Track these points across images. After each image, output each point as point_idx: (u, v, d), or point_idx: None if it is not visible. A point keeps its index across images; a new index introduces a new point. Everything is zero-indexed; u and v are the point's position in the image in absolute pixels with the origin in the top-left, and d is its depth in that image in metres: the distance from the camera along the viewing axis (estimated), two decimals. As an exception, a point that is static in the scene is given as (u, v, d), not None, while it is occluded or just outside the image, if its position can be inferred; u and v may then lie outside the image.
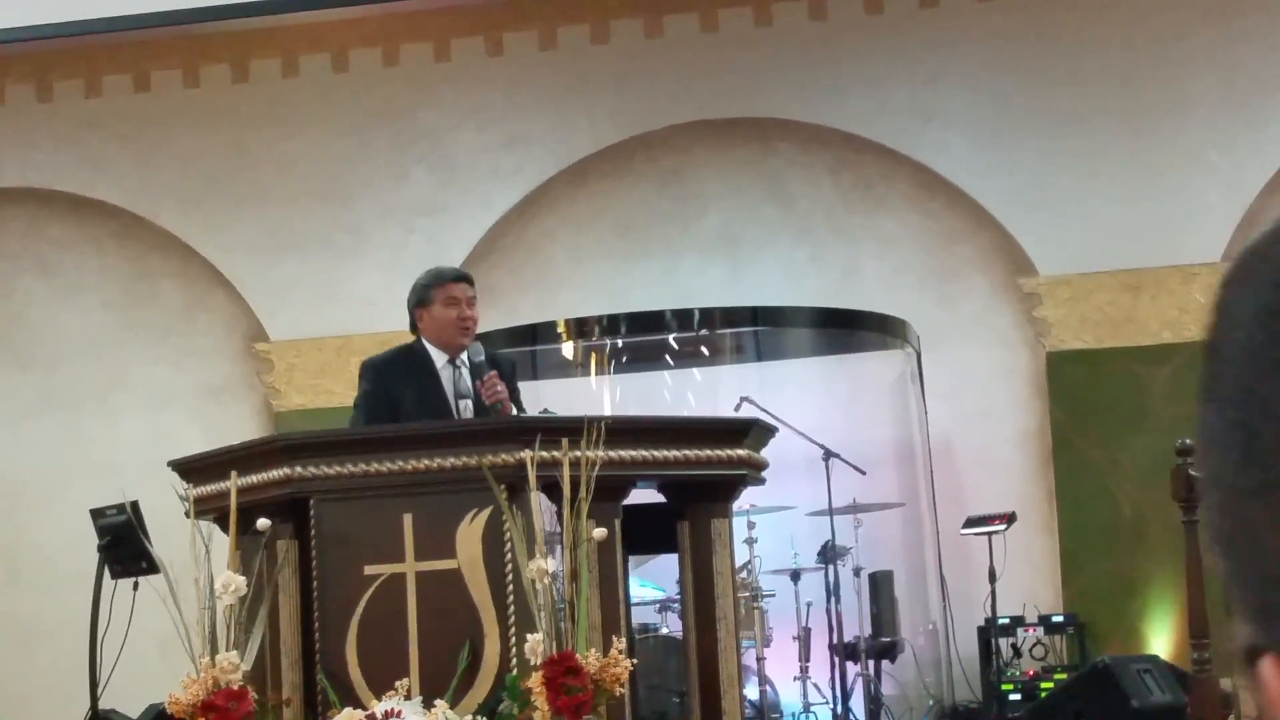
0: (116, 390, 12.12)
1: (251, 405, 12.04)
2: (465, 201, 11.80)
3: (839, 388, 11.29)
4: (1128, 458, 10.96)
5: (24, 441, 12.11)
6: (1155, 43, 11.26)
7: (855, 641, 10.19)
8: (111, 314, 12.20)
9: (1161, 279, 11.23)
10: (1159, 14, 11.26)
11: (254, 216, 11.93)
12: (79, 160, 12.12)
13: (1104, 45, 11.29)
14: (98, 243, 12.24)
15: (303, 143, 11.91)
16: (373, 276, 11.79)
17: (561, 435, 5.97)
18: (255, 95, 12.00)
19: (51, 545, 11.44)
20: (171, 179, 12.01)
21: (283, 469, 6.24)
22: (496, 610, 6.06)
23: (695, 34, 11.67)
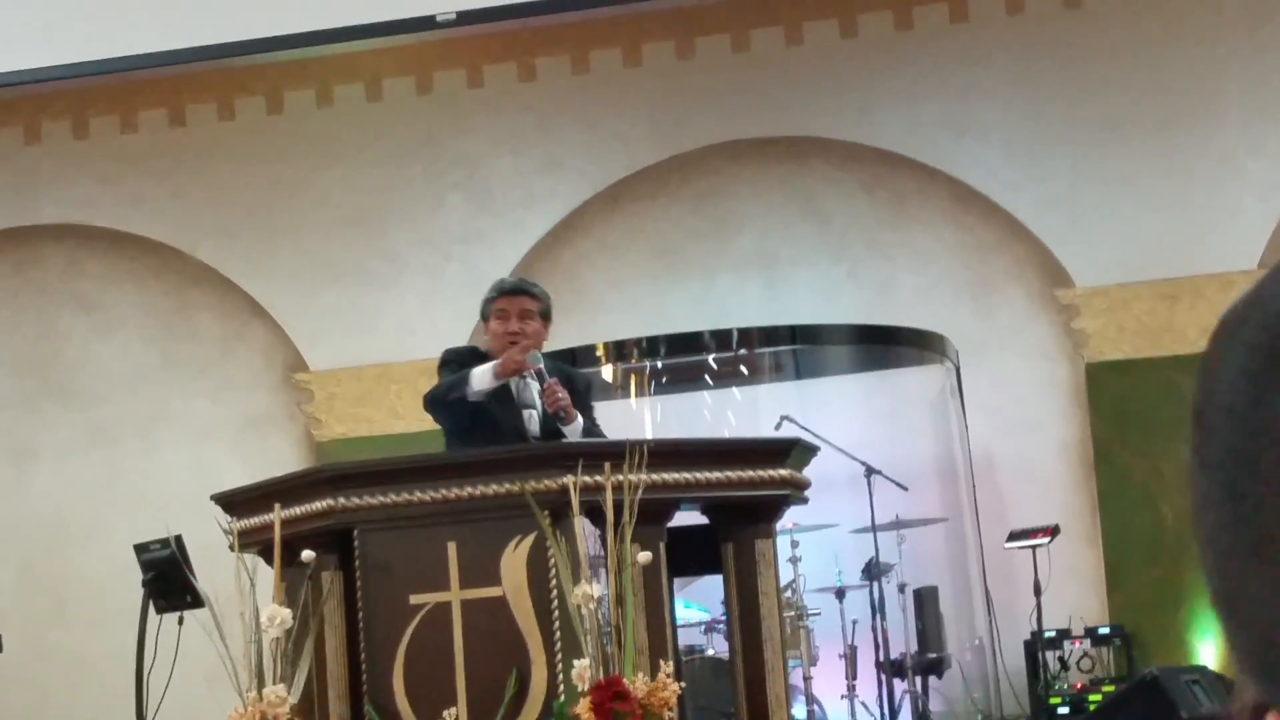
0: (157, 424, 12.13)
1: (292, 435, 12.04)
2: (501, 227, 11.80)
3: (879, 404, 11.26)
4: (1170, 466, 10.90)
5: (67, 478, 12.13)
6: (1185, 50, 11.22)
7: (902, 658, 10.16)
8: (151, 348, 12.22)
9: (1199, 287, 11.18)
10: (1188, 21, 11.22)
11: (291, 247, 11.95)
12: (116, 196, 12.14)
13: (1134, 54, 11.26)
14: (136, 277, 12.27)
15: (338, 173, 11.93)
16: (411, 304, 11.79)
17: (604, 459, 5.94)
18: (290, 127, 12.02)
19: (97, 580, 11.45)
20: (208, 212, 12.03)
21: (326, 500, 6.22)
22: (543, 636, 6.04)
23: (727, 54, 11.66)
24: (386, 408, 11.83)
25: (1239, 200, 11.17)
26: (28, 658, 10.72)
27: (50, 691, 11.67)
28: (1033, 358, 11.46)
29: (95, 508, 11.95)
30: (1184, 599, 10.86)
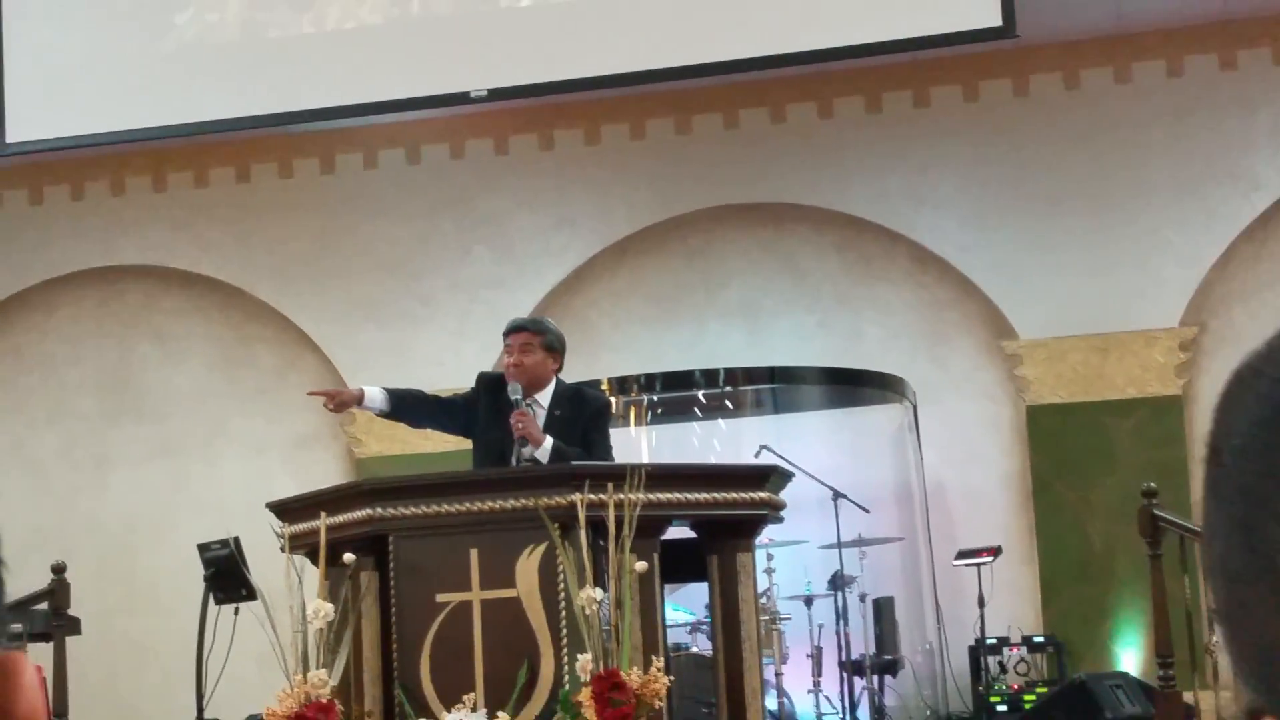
0: (219, 440, 12.12)
1: (335, 453, 12.03)
2: (521, 275, 11.80)
3: (845, 437, 11.23)
4: (1098, 498, 10.89)
5: (139, 484, 12.12)
6: (1118, 135, 11.23)
7: (861, 659, 10.13)
8: (215, 374, 12.22)
9: (1126, 342, 11.17)
10: (1120, 112, 11.24)
11: (339, 289, 11.95)
12: (188, 241, 12.16)
13: (1073, 138, 11.27)
14: (203, 312, 12.27)
15: (381, 225, 11.94)
16: (441, 340, 11.79)
17: (607, 480, 5.95)
18: (340, 185, 12.03)
19: (163, 574, 11.44)
20: (267, 257, 12.04)
21: (365, 510, 6.22)
22: (551, 633, 6.03)
23: (719, 130, 11.68)
24: (419, 430, 11.79)
25: (1162, 267, 11.16)
26: (101, 642, 10.68)
27: (121, 672, 11.64)
28: (980, 400, 11.44)
29: (163, 511, 11.94)
30: (1109, 613, 10.84)
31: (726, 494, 6.48)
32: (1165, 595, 7.39)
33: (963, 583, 10.54)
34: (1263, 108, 11.13)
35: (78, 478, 12.22)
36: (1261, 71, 11.16)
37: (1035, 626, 10.86)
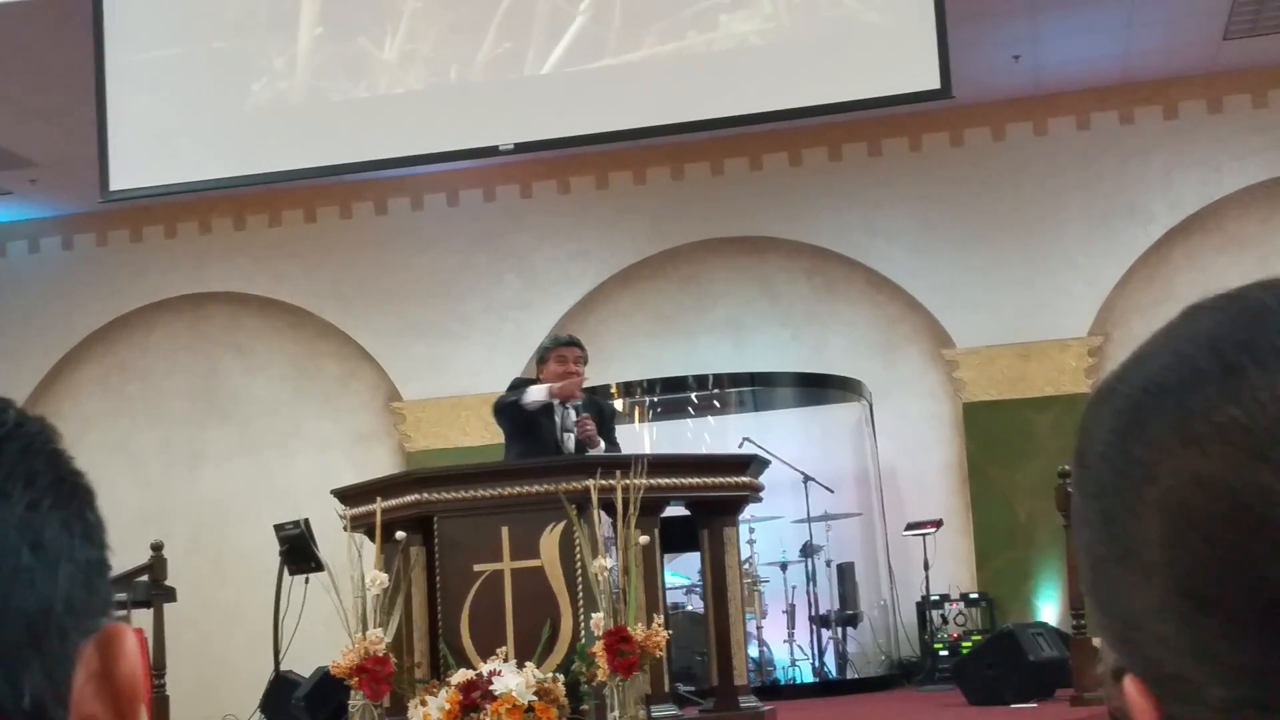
0: (292, 438, 12.09)
1: (389, 448, 11.99)
2: (543, 299, 11.77)
3: (813, 430, 11.20)
4: (1022, 478, 10.86)
5: (226, 475, 12.10)
6: (1037, 179, 11.23)
7: (827, 614, 10.13)
8: (288, 383, 12.19)
9: (1044, 349, 11.15)
10: (1038, 158, 11.25)
11: (391, 311, 11.92)
12: (264, 272, 12.14)
13: (1000, 180, 11.27)
14: (278, 331, 12.25)
15: (427, 258, 11.92)
16: (478, 354, 11.76)
17: (615, 469, 5.93)
18: (391, 224, 12.02)
19: (245, 550, 11.40)
20: (331, 285, 12.02)
21: (414, 495, 6.20)
22: (569, 596, 6.00)
23: (707, 176, 11.67)
24: (459, 428, 11.79)
25: (1073, 286, 11.15)
26: (193, 608, 10.65)
27: (210, 633, 11.60)
28: (924, 398, 11.41)
29: (245, 497, 11.91)
30: (1031, 574, 10.83)
31: (715, 479, 6.47)
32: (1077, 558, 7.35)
33: (911, 550, 10.51)
34: (1155, 155, 11.14)
35: (174, 470, 12.19)
36: (1154, 125, 11.17)
37: (971, 586, 10.84)
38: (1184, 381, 0.67)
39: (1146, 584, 0.67)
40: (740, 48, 8.15)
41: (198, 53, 8.67)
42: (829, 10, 8.09)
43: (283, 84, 8.64)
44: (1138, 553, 0.67)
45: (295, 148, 8.78)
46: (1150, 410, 0.68)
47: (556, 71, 8.31)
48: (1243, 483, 0.64)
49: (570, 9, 8.29)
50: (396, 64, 8.49)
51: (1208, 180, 11.08)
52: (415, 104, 8.49)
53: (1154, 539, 0.66)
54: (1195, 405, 0.66)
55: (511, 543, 6.07)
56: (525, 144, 8.47)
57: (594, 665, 5.64)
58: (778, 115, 8.51)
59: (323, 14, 8.60)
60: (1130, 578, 0.68)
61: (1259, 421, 0.64)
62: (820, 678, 9.92)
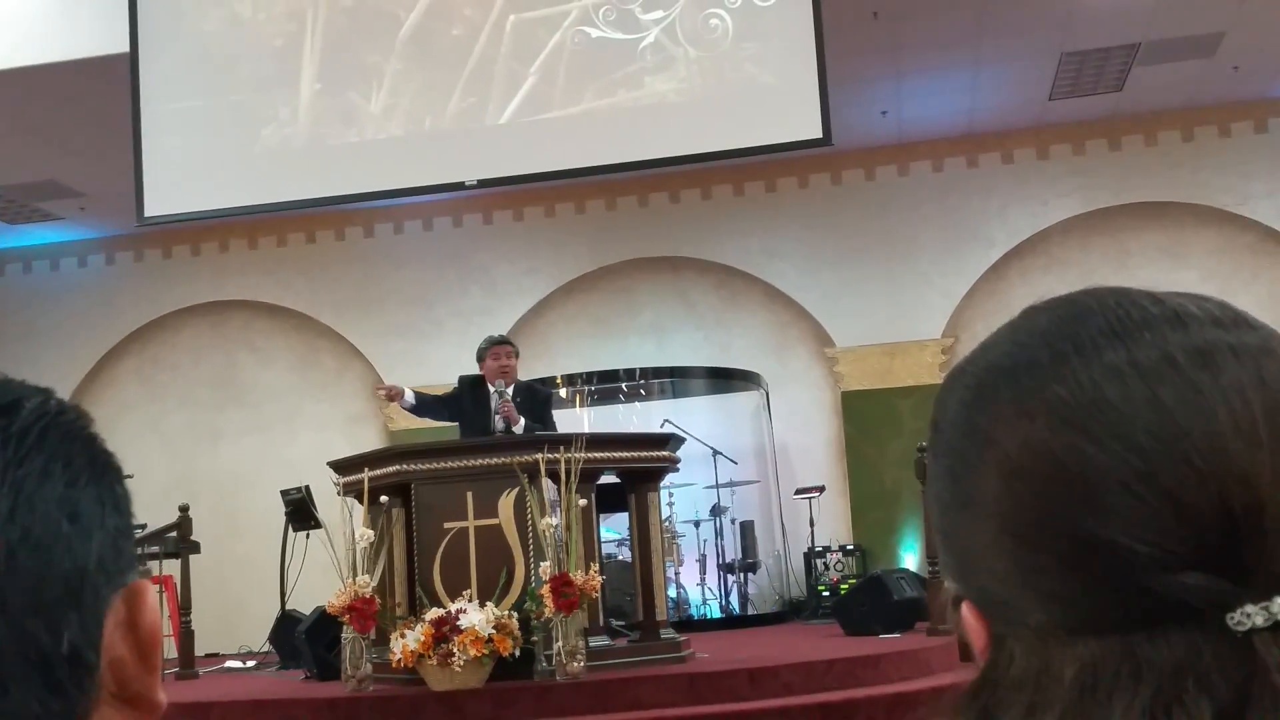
0: (296, 419, 12.00)
1: (376, 428, 11.92)
2: (502, 306, 11.74)
3: (720, 414, 11.23)
4: (889, 452, 10.96)
5: (242, 449, 11.98)
6: (901, 211, 11.32)
7: (732, 562, 10.15)
8: (293, 374, 12.09)
9: (906, 349, 11.25)
10: (901, 194, 11.34)
11: (378, 316, 11.85)
12: (273, 283, 12.03)
13: (871, 212, 11.35)
14: (285, 333, 12.14)
15: (407, 273, 11.85)
16: (448, 352, 11.70)
17: (560, 444, 5.93)
18: (377, 246, 11.94)
19: (258, 511, 11.31)
20: (329, 294, 11.93)
21: (396, 465, 6.17)
22: (522, 549, 6.00)
23: (635, 207, 11.68)
24: (432, 411, 11.73)
25: (929, 298, 11.26)
26: (216, 559, 10.55)
27: (229, 579, 11.49)
28: (810, 388, 11.48)
29: (257, 468, 11.80)
30: (896, 530, 10.92)
31: (641, 453, 6.48)
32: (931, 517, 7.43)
33: (799, 510, 10.58)
34: (995, 192, 11.26)
35: (198, 447, 12.05)
36: (994, 168, 11.29)
37: (848, 539, 10.92)
38: (1020, 365, 0.69)
39: (983, 526, 0.67)
40: (661, 103, 8.19)
41: (218, 104, 8.59)
42: (732, 73, 8.15)
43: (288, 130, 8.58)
44: (977, 501, 0.68)
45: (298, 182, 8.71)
46: (992, 388, 0.69)
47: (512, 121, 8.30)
48: (1064, 447, 0.65)
49: (522, 70, 8.30)
50: (381, 114, 8.45)
51: (1037, 213, 11.22)
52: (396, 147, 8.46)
53: (990, 491, 0.67)
54: (1029, 384, 0.68)
55: (475, 504, 6.07)
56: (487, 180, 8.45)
57: (542, 604, 5.65)
58: (691, 158, 8.55)
59: (320, 73, 8.56)
60: (970, 521, 0.68)
61: (1079, 399, 0.66)
62: (726, 614, 9.97)
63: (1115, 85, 10.33)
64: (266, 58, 8.54)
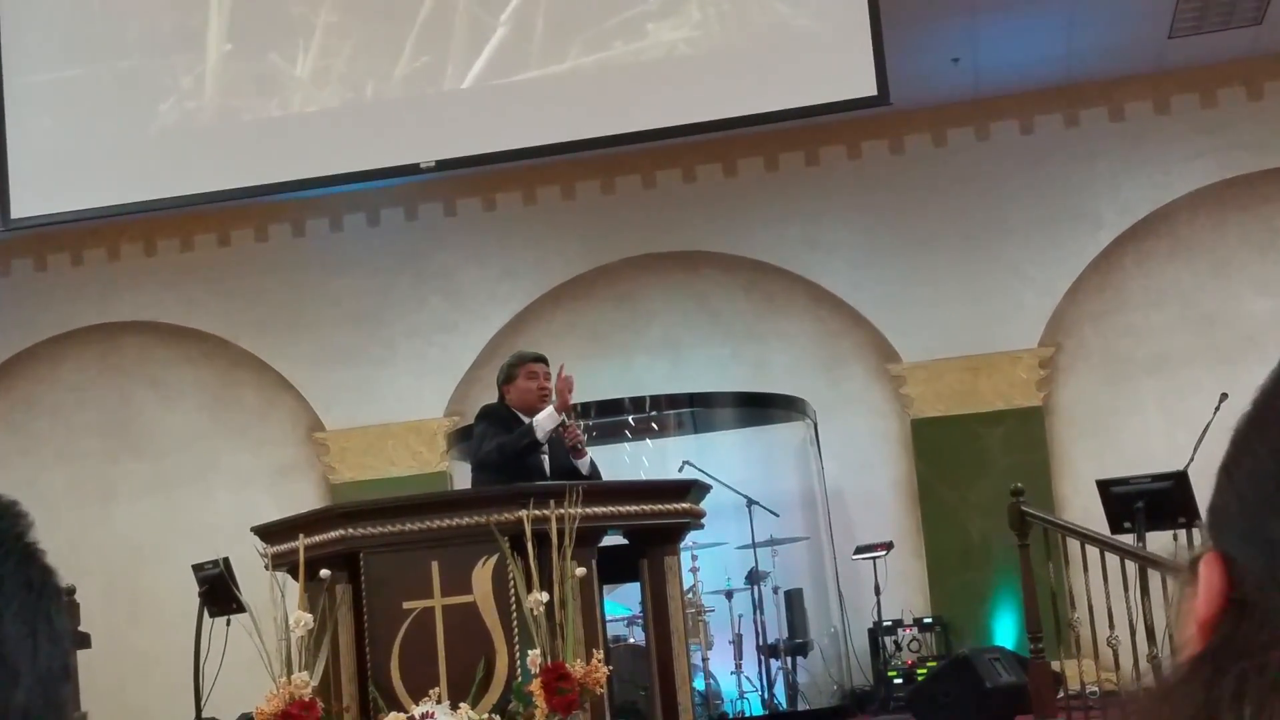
0: (209, 472, 12.04)
1: (312, 480, 11.97)
2: (470, 321, 11.80)
3: (756, 452, 11.26)
4: (974, 496, 10.96)
5: (140, 513, 12.03)
6: (981, 186, 11.35)
7: (776, 643, 10.15)
8: (204, 414, 12.15)
9: (994, 362, 11.27)
10: (984, 163, 11.37)
11: (311, 337, 11.91)
12: (177, 299, 12.09)
13: (943, 189, 11.38)
14: (192, 361, 12.20)
15: (347, 281, 11.91)
16: (403, 380, 11.78)
17: (549, 497, 5.95)
18: (310, 246, 12.01)
19: (163, 593, 11.32)
20: (248, 311, 11.99)
21: (338, 530, 6.19)
22: (504, 632, 6.02)
23: (639, 189, 11.73)
24: (385, 458, 11.79)
25: (1023, 296, 11.28)
26: (110, 653, 10.58)
27: (128, 679, 11.52)
28: (870, 416, 11.50)
29: (162, 536, 11.84)
30: (986, 596, 10.91)
31: (654, 505, 6.49)
32: (1033, 579, 7.46)
33: (861, 574, 10.59)
34: (1102, 158, 11.28)
35: (85, 510, 12.10)
36: (1100, 128, 11.31)
37: (924, 610, 10.92)
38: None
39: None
40: (669, 57, 8.25)
41: (101, 73, 8.67)
42: (760, 16, 8.20)
43: (191, 104, 8.65)
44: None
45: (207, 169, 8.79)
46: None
47: (478, 85, 8.37)
48: None
49: (490, 20, 8.36)
50: (310, 80, 8.52)
51: (1157, 184, 11.25)
52: (331, 122, 8.53)
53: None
54: None
55: (442, 578, 6.08)
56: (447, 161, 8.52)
57: (532, 704, 5.66)
58: (711, 126, 8.61)
59: (231, 30, 8.62)
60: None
61: None
62: (770, 710, 9.94)
63: (1253, 17, 10.37)
64: (162, 11, 8.64)
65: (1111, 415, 11.22)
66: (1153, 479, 7.73)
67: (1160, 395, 11.15)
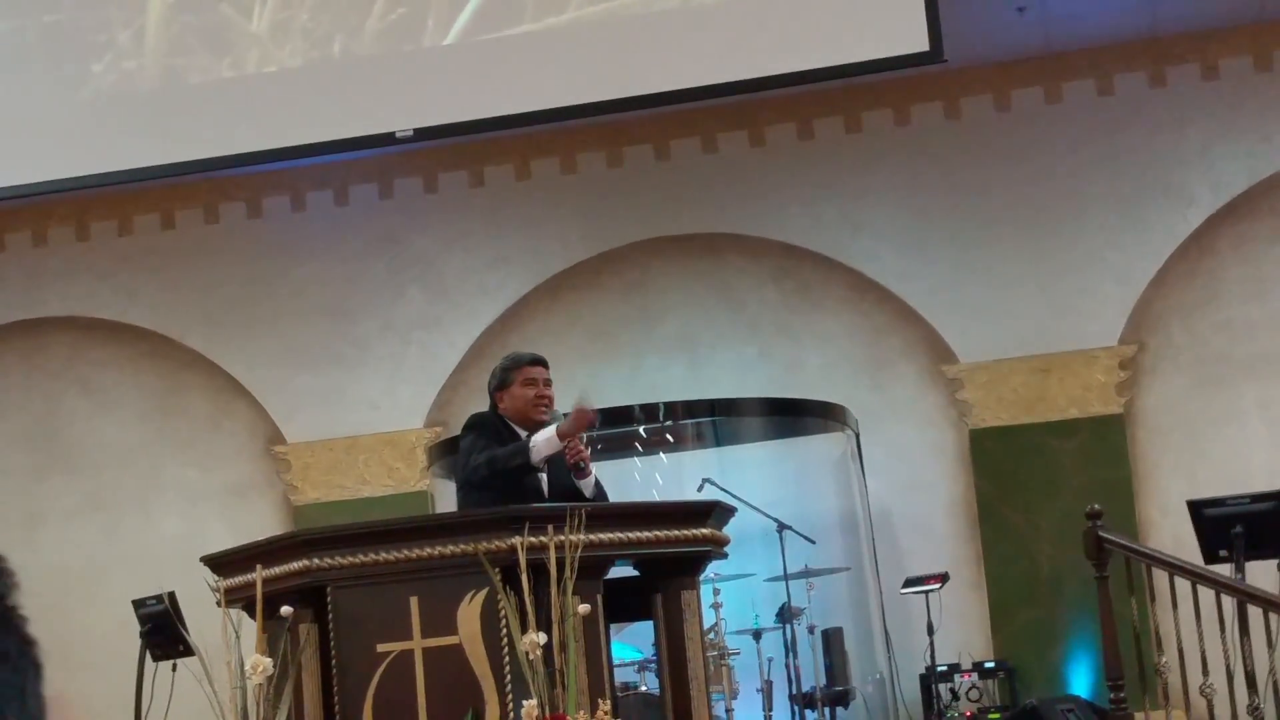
0: (152, 492, 12.07)
1: (272, 501, 11.99)
2: (455, 316, 11.81)
3: (788, 467, 11.27)
4: (1044, 520, 10.96)
5: (71, 539, 12.05)
6: (1051, 157, 11.35)
7: (812, 691, 10.15)
8: (146, 424, 12.17)
9: (1066, 362, 11.27)
10: (1053, 130, 11.36)
11: (270, 335, 11.93)
12: (114, 290, 12.11)
13: (1006, 159, 11.38)
14: (133, 362, 12.23)
15: (311, 269, 11.93)
16: (376, 384, 11.79)
17: (548, 522, 5.95)
18: (268, 229, 12.02)
19: (98, 632, 11.36)
20: (196, 304, 12.01)
21: (302, 560, 6.19)
22: (495, 680, 6.01)
23: (651, 162, 11.73)
24: (355, 475, 11.80)
25: (1100, 286, 11.27)
26: (36, 703, 10.57)
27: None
28: (923, 425, 11.50)
29: (96, 566, 11.87)
30: (1059, 636, 10.90)
31: (668, 532, 6.47)
32: (1113, 617, 7.46)
33: (911, 610, 10.59)
34: (1193, 123, 11.27)
35: (5, 535, 12.09)
36: (1191, 87, 11.30)
37: (985, 652, 10.92)
38: None
39: None
40: (686, 6, 8.25)
41: (25, 27, 8.69)
42: (793, -40, 8.21)
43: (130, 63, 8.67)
44: None
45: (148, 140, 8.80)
46: None
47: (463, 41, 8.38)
48: None
49: (479, -35, 8.38)
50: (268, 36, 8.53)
51: (1256, 153, 11.24)
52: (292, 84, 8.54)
53: None
54: None
55: (423, 616, 6.08)
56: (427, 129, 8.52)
57: (527, 763, 5.67)
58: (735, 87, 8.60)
59: (177, -24, 8.65)
60: None
61: None
62: (805, 769, 9.98)
63: (1368, -41, 10.36)
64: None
65: (1204, 424, 11.20)
66: (1253, 499, 7.71)
67: (1261, 401, 11.14)
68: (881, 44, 8.17)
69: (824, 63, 8.32)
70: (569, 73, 8.33)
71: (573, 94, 8.40)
